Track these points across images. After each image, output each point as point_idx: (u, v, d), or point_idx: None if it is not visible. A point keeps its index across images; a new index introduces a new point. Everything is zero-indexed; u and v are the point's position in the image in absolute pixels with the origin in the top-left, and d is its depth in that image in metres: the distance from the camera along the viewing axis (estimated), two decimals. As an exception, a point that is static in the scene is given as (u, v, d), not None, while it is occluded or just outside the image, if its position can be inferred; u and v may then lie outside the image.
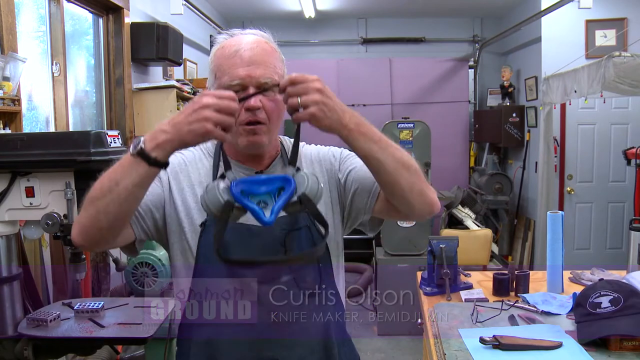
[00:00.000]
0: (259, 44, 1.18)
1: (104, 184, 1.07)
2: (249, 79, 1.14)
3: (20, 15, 2.70)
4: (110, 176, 1.06)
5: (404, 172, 1.14)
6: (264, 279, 1.18)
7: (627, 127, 5.05)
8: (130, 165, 1.03)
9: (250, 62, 1.15)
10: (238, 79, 1.14)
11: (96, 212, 1.07)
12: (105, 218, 1.07)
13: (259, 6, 5.81)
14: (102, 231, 1.10)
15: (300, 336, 1.21)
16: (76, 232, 1.11)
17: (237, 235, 1.17)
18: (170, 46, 3.70)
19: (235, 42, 1.18)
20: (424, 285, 2.03)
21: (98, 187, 1.08)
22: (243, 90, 1.13)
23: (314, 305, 1.22)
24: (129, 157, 1.03)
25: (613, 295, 1.45)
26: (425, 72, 6.29)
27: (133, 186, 1.04)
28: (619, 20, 4.87)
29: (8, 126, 2.27)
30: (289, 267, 1.20)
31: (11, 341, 1.76)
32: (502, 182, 5.47)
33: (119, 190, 1.04)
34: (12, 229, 1.76)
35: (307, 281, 1.21)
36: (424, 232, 4.10)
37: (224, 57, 1.17)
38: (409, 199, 1.16)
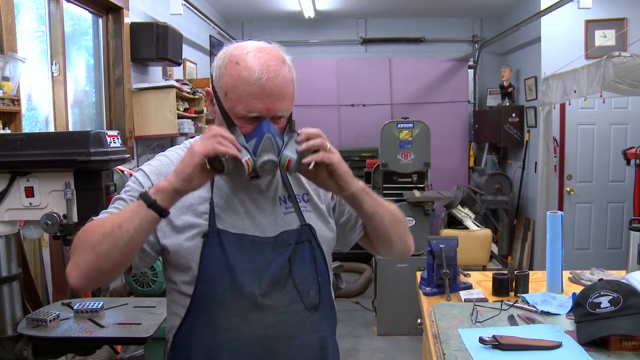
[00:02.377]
0: (280, 72, 1.11)
1: (105, 227, 1.05)
2: (267, 113, 1.10)
3: (20, 15, 2.70)
4: (112, 222, 1.06)
5: (397, 225, 1.29)
6: (269, 291, 1.16)
7: (627, 127, 5.05)
8: (133, 209, 1.06)
9: (271, 94, 1.09)
10: (256, 112, 1.10)
11: (96, 257, 1.06)
12: (107, 262, 1.06)
13: (258, 6, 5.81)
14: (103, 274, 1.10)
15: (302, 350, 1.21)
16: (75, 278, 1.08)
17: (242, 246, 1.16)
18: (170, 46, 3.71)
19: (253, 65, 1.09)
20: (423, 285, 2.03)
21: (99, 232, 1.06)
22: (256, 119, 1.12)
23: (315, 320, 1.22)
24: (133, 204, 1.08)
25: (612, 295, 1.45)
26: (425, 72, 6.30)
27: (135, 229, 1.04)
28: (618, 20, 4.87)
29: (8, 126, 2.27)
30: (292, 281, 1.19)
31: (11, 341, 1.76)
32: (502, 182, 5.47)
33: (121, 234, 1.04)
34: (12, 229, 1.76)
35: (310, 295, 1.21)
36: (423, 232, 4.10)
37: (241, 80, 1.09)
38: (394, 246, 1.32)
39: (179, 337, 1.21)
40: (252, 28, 6.53)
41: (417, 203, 4.13)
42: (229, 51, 1.15)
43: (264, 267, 1.16)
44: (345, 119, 6.25)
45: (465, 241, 3.82)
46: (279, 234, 1.19)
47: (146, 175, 1.20)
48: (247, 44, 1.15)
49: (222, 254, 1.14)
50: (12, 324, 1.78)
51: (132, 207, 1.07)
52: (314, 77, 6.26)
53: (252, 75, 1.08)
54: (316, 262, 1.22)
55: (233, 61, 1.12)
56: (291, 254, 1.19)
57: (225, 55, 1.15)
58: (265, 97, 1.09)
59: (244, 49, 1.13)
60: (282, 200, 1.24)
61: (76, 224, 1.70)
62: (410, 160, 4.36)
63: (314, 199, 1.28)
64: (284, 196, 1.25)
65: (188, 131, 3.90)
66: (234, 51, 1.14)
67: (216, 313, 1.15)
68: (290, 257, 1.18)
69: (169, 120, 3.65)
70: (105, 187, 1.74)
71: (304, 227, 1.22)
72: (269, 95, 1.09)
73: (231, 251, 1.14)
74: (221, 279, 1.14)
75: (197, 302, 1.16)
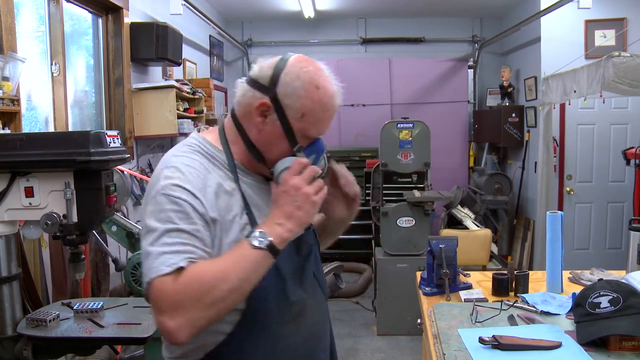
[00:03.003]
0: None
1: (232, 282, 1.02)
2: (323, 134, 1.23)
3: (20, 15, 2.70)
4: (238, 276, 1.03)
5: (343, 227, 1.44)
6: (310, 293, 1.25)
7: (627, 127, 5.05)
8: (261, 261, 1.05)
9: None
10: (322, 134, 1.21)
11: (218, 313, 1.03)
12: (224, 313, 1.05)
13: (258, 6, 5.81)
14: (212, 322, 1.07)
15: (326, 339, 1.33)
16: (186, 336, 1.01)
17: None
18: (170, 46, 3.71)
19: (332, 92, 1.18)
20: (423, 285, 2.02)
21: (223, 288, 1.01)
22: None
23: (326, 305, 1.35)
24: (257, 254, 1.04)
25: (612, 295, 1.45)
26: (425, 72, 6.30)
27: (258, 280, 1.06)
28: (618, 20, 4.88)
29: (7, 126, 2.27)
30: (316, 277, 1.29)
31: (11, 341, 1.76)
32: (502, 182, 5.47)
33: (248, 287, 1.05)
34: (12, 229, 1.76)
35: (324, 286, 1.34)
36: (423, 232, 4.10)
37: (321, 105, 1.16)
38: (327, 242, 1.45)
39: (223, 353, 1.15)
40: (252, 28, 6.54)
41: (417, 203, 4.13)
42: (306, 72, 1.15)
43: (300, 270, 1.22)
44: (345, 119, 6.25)
45: (465, 241, 3.82)
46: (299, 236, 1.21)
47: (192, 195, 1.09)
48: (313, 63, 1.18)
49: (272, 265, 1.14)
50: (12, 324, 1.78)
51: (256, 258, 1.04)
52: (314, 77, 6.26)
53: (331, 102, 1.17)
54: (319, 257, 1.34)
55: (313, 84, 1.15)
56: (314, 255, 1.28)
57: (303, 75, 1.15)
58: (330, 121, 1.21)
59: (323, 74, 1.18)
60: None
61: (76, 224, 1.70)
62: (410, 160, 4.36)
63: None
64: None
65: (188, 131, 3.90)
66: (313, 74, 1.16)
67: (273, 324, 1.16)
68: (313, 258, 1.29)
69: (169, 120, 3.65)
70: (105, 187, 1.73)
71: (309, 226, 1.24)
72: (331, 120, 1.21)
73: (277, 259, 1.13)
74: (272, 287, 1.15)
75: (250, 315, 1.13)
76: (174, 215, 1.06)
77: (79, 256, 1.82)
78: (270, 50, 6.48)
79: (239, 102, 1.19)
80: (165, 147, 4.32)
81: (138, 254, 2.31)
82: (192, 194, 1.09)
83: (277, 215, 1.08)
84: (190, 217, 1.07)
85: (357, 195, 1.33)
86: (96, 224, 1.80)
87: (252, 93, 1.16)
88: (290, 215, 1.08)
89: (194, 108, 4.24)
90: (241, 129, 1.20)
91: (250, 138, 1.18)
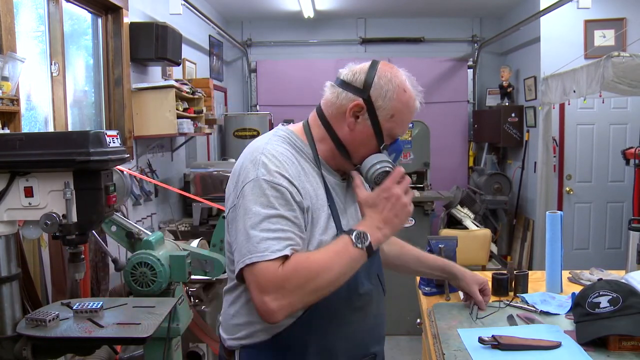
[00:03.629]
0: None
1: (332, 275, 1.12)
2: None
3: (19, 15, 2.70)
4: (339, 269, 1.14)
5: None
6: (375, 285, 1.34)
7: (626, 127, 5.06)
8: (359, 259, 1.16)
9: None
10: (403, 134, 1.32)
11: (316, 299, 1.14)
12: (320, 299, 1.15)
13: (258, 6, 5.81)
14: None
15: (384, 329, 1.43)
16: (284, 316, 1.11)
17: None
18: (169, 46, 3.70)
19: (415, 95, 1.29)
20: (423, 285, 2.03)
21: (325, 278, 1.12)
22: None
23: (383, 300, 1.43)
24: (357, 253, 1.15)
25: (612, 295, 1.45)
26: (425, 72, 6.29)
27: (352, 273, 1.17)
28: (618, 20, 4.88)
29: (7, 126, 2.27)
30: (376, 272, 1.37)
31: (10, 341, 1.76)
32: (501, 182, 5.47)
33: (342, 280, 1.15)
34: (11, 229, 1.76)
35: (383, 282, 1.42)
36: (423, 232, 4.10)
37: (408, 108, 1.28)
38: None
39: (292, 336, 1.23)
40: (251, 28, 6.53)
41: (416, 203, 4.12)
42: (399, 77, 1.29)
43: (369, 265, 1.27)
44: (344, 119, 6.24)
45: (464, 241, 3.82)
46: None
47: (290, 182, 1.18)
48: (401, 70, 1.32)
49: None
50: (12, 323, 1.78)
51: (356, 256, 1.15)
52: (314, 77, 6.21)
53: (415, 105, 1.29)
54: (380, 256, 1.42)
55: (402, 87, 1.27)
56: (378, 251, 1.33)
57: (395, 79, 1.27)
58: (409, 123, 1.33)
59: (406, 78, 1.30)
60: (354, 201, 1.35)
61: (75, 224, 1.69)
62: (409, 160, 4.36)
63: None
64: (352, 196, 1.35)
65: (187, 131, 3.90)
66: (402, 78, 1.29)
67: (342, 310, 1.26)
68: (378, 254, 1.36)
69: (169, 120, 3.65)
70: (105, 187, 1.73)
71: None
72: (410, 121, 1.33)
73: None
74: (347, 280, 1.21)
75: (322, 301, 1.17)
76: (275, 201, 1.14)
77: (78, 256, 1.82)
78: (270, 51, 6.48)
79: (330, 102, 1.28)
80: (165, 147, 4.33)
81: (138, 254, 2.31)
82: (290, 181, 1.17)
83: (377, 219, 1.19)
84: (290, 204, 1.15)
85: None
86: (96, 224, 1.79)
87: (345, 94, 1.25)
88: (389, 221, 1.19)
89: (194, 108, 4.24)
90: (330, 128, 1.28)
91: (339, 136, 1.27)
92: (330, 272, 1.12)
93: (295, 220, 1.15)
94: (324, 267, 1.12)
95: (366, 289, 1.30)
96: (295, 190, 1.17)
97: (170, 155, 4.46)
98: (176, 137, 4.43)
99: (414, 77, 1.31)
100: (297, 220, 1.15)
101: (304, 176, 1.22)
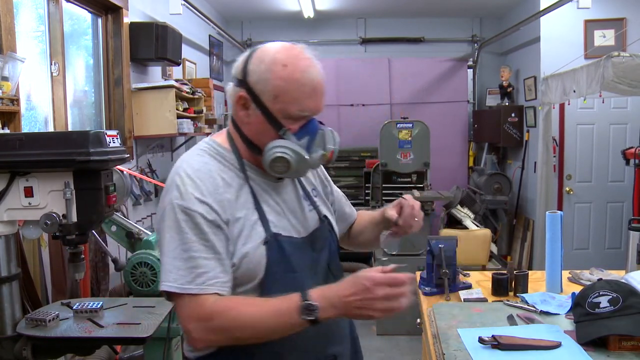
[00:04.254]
0: (321, 71, 1.19)
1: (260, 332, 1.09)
2: (317, 110, 1.19)
3: (19, 15, 2.70)
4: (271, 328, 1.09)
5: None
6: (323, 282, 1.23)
7: (626, 127, 5.05)
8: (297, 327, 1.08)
9: (321, 93, 1.18)
10: (309, 112, 1.17)
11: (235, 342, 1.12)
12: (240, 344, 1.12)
13: (258, 6, 5.81)
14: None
15: (344, 329, 1.32)
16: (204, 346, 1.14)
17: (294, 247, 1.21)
18: (169, 46, 3.70)
19: (303, 68, 1.16)
20: (423, 285, 2.03)
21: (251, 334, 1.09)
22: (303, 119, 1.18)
23: None
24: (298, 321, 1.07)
25: (612, 295, 1.45)
26: (425, 72, 6.29)
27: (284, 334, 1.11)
28: (618, 20, 4.88)
29: (7, 126, 2.27)
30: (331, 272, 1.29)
31: (10, 341, 1.76)
32: (501, 182, 5.47)
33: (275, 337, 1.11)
34: (11, 229, 1.76)
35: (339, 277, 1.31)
36: (422, 232, 4.09)
37: (293, 82, 1.14)
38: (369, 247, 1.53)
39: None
40: (251, 28, 6.53)
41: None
42: (270, 54, 1.17)
43: (314, 265, 1.24)
44: (344, 119, 6.25)
45: (464, 241, 3.82)
46: (313, 231, 1.27)
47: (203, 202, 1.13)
48: (281, 44, 1.20)
49: (283, 257, 1.18)
50: (12, 323, 1.78)
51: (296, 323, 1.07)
52: (314, 77, 6.25)
53: (304, 76, 1.14)
54: (337, 250, 1.34)
55: (278, 64, 1.15)
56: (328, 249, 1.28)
57: (267, 58, 1.17)
58: (316, 96, 1.16)
59: (290, 51, 1.17)
60: (304, 197, 1.31)
61: (75, 224, 1.70)
62: (409, 160, 4.37)
63: (321, 192, 1.39)
64: (303, 194, 1.32)
65: (187, 131, 3.90)
66: (276, 54, 1.17)
67: None
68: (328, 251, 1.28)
69: (169, 120, 3.65)
70: (105, 187, 1.73)
71: (324, 219, 1.30)
72: (319, 94, 1.17)
73: (289, 254, 1.18)
74: (284, 281, 1.16)
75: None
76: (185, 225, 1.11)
77: (78, 256, 1.82)
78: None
79: (230, 102, 1.27)
80: (165, 147, 4.33)
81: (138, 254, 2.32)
82: (202, 201, 1.13)
83: (339, 298, 1.06)
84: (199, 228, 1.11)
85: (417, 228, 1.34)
86: (96, 224, 1.80)
87: (232, 89, 1.21)
88: (349, 308, 1.06)
89: (194, 108, 4.24)
90: (238, 128, 1.24)
91: (245, 133, 1.22)
92: (259, 329, 1.09)
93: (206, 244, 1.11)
94: (255, 322, 1.08)
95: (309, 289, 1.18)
96: (207, 209, 1.12)
97: (170, 155, 4.46)
98: (176, 137, 4.43)
99: (302, 46, 1.19)
100: (207, 243, 1.11)
101: (224, 187, 1.17)
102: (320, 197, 1.37)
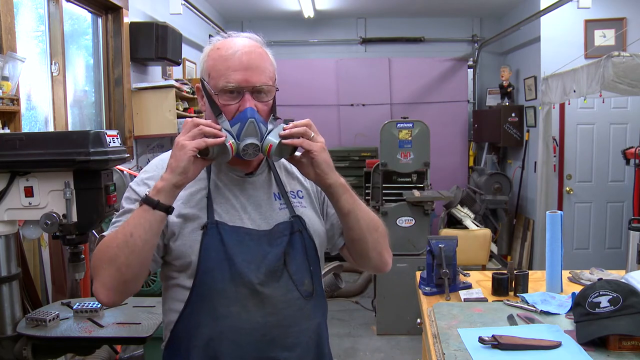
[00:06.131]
0: (254, 49, 1.22)
1: (118, 239, 1.11)
2: (246, 83, 1.18)
3: (19, 14, 2.70)
4: (123, 231, 1.11)
5: (374, 232, 1.29)
6: (266, 281, 1.21)
7: (626, 127, 5.05)
8: (139, 215, 1.11)
9: (247, 66, 1.19)
10: (235, 82, 1.18)
11: (117, 269, 1.11)
12: (128, 271, 1.12)
13: (258, 6, 5.81)
14: (128, 284, 1.15)
15: (300, 337, 1.25)
16: (104, 295, 1.14)
17: (239, 238, 1.21)
18: (170, 46, 3.70)
19: (231, 45, 1.21)
20: (423, 285, 2.03)
21: (113, 245, 1.12)
22: (238, 93, 1.19)
23: (310, 307, 1.27)
24: (139, 210, 1.12)
25: (612, 295, 1.45)
26: (425, 72, 6.30)
27: (145, 233, 1.10)
28: (618, 20, 4.88)
29: (7, 126, 2.27)
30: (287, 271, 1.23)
31: (10, 341, 1.76)
32: (501, 182, 5.47)
33: (134, 241, 1.10)
34: (11, 229, 1.76)
35: (304, 283, 1.26)
36: (423, 232, 4.10)
37: (220, 58, 1.20)
38: (369, 256, 1.31)
39: (177, 330, 1.22)
40: (251, 28, 6.45)
41: (416, 203, 4.13)
42: (211, 43, 1.26)
43: (260, 258, 1.21)
44: (344, 119, 6.25)
45: (464, 241, 3.82)
46: (274, 227, 1.25)
47: (143, 183, 1.25)
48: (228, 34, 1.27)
49: (221, 244, 1.19)
50: (12, 323, 1.78)
51: (138, 213, 1.12)
52: (314, 77, 6.26)
53: (229, 51, 1.19)
54: (307, 252, 1.27)
55: (214, 48, 1.23)
56: (286, 246, 1.24)
57: (206, 48, 1.25)
58: (242, 70, 1.18)
59: (228, 39, 1.24)
60: (277, 196, 1.30)
61: (76, 224, 1.70)
62: (409, 160, 4.36)
63: (311, 195, 1.35)
64: (278, 193, 1.30)
65: (187, 131, 3.89)
66: (215, 42, 1.25)
67: (216, 302, 1.19)
68: (285, 248, 1.23)
69: (169, 120, 3.65)
70: (105, 187, 1.73)
71: (295, 218, 1.27)
72: (245, 67, 1.18)
73: (229, 242, 1.19)
74: (220, 268, 1.18)
75: (196, 293, 1.19)
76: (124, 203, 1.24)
77: (78, 256, 1.82)
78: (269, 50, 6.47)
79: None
80: (165, 147, 4.32)
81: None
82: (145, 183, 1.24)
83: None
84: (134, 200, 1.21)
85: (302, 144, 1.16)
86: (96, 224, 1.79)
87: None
88: (168, 165, 1.12)
89: (194, 108, 4.24)
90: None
91: None
92: (117, 239, 1.11)
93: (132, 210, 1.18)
94: (113, 236, 1.13)
95: (247, 281, 1.18)
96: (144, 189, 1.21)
97: (170, 155, 4.45)
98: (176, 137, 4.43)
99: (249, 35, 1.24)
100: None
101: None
102: (308, 200, 1.33)
